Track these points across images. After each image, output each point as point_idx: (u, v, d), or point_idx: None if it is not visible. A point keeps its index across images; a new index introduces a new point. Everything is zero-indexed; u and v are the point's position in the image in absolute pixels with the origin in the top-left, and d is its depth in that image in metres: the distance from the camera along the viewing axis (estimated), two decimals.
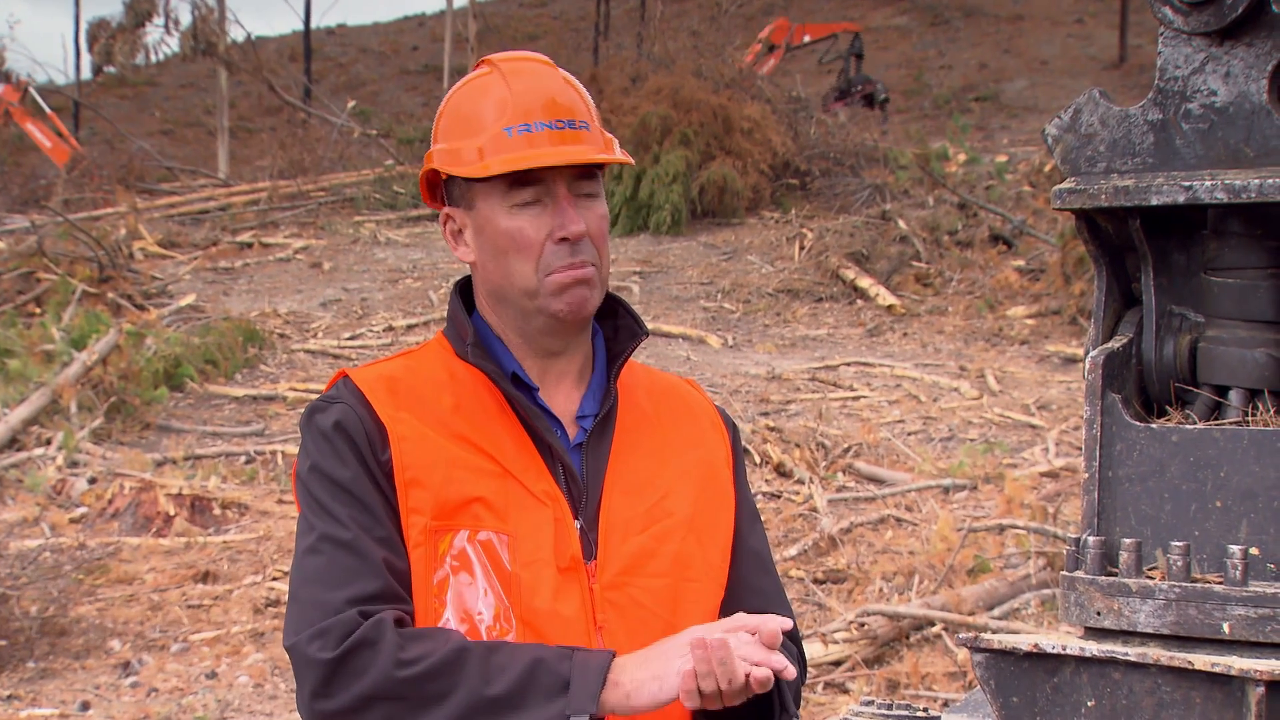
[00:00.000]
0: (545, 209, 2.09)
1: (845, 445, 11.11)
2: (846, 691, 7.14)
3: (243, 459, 11.25)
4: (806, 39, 25.73)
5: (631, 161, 2.19)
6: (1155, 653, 2.25)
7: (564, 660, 1.95)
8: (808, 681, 7.10)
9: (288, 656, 2.06)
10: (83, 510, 10.03)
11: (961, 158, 19.93)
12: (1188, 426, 2.43)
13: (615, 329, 2.23)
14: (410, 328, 14.84)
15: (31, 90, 23.90)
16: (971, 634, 2.38)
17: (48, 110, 23.58)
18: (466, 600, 2.05)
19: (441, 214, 2.20)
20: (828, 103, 23.28)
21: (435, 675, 1.94)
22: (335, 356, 13.98)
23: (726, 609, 2.18)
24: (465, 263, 2.19)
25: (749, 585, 2.23)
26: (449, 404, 2.12)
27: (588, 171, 2.12)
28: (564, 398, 2.17)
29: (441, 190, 2.21)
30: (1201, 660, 2.22)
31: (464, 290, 2.23)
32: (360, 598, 2.00)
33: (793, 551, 8.97)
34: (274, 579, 8.89)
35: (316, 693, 1.98)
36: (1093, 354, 2.48)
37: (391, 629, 1.97)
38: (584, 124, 2.12)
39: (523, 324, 2.14)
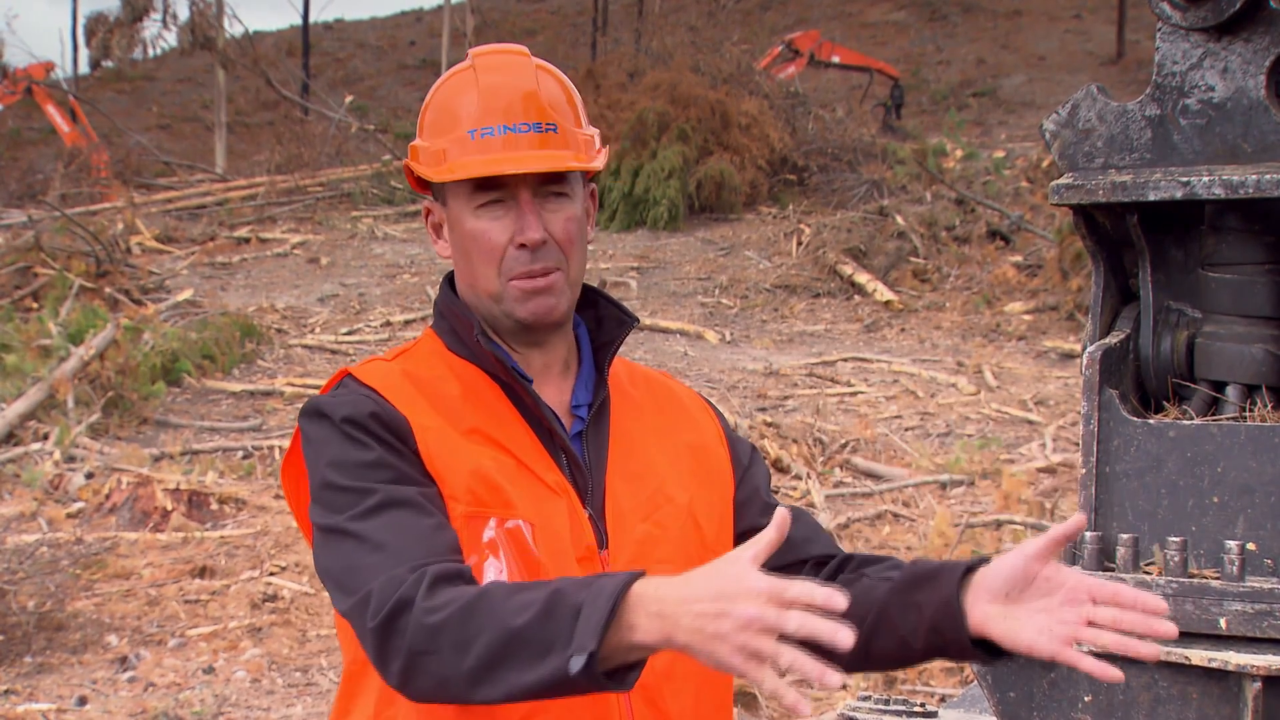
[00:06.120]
0: (510, 211, 2.07)
1: (843, 441, 11.12)
2: (844, 686, 7.14)
3: (240, 454, 11.24)
4: (835, 59, 24.34)
5: (599, 167, 2.11)
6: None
7: (582, 589, 1.78)
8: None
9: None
10: (80, 505, 10.02)
11: (959, 153, 19.93)
12: (1185, 422, 2.43)
13: (599, 320, 2.21)
14: (408, 323, 14.83)
15: (55, 73, 23.84)
16: None
17: (71, 96, 23.52)
18: None
19: (424, 206, 2.20)
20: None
21: (462, 620, 1.83)
22: (333, 352, 13.98)
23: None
24: (443, 258, 2.18)
25: (791, 540, 2.10)
26: (457, 397, 2.10)
27: (557, 173, 2.09)
28: (554, 389, 2.16)
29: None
30: (1198, 655, 2.22)
31: (451, 283, 2.21)
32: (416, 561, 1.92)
33: None
34: (271, 574, 8.88)
35: (377, 662, 1.91)
36: (1090, 349, 2.48)
37: (427, 581, 1.87)
38: (551, 126, 2.08)
39: (494, 323, 2.14)
